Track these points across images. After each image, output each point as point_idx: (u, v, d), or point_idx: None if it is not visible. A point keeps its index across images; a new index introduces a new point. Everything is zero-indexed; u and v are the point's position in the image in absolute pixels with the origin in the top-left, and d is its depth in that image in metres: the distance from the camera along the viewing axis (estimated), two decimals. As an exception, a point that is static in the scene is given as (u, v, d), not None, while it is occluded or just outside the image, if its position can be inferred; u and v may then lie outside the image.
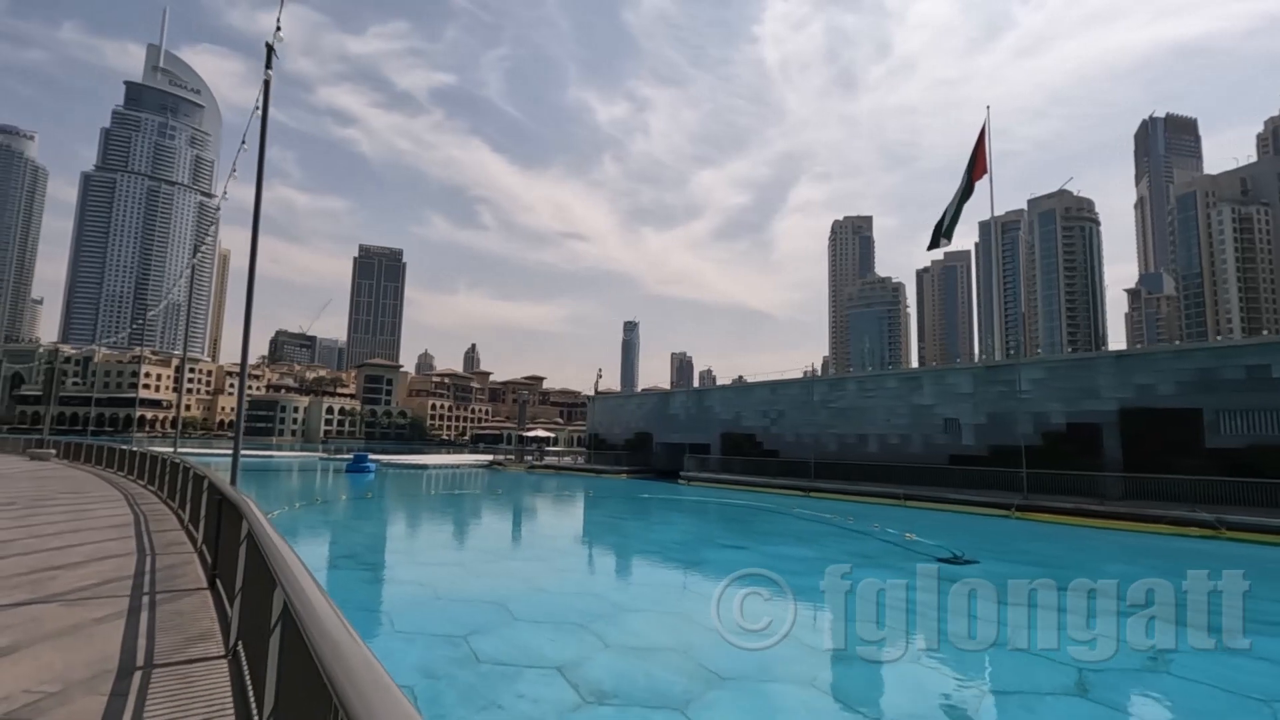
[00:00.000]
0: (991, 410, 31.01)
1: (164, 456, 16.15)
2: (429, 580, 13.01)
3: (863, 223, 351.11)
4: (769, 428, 41.07)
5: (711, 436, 44.70)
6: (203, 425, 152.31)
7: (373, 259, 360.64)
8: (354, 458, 44.16)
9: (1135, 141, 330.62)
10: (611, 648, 9.15)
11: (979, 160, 38.72)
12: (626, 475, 46.11)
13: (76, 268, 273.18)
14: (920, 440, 33.52)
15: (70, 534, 10.55)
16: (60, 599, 6.53)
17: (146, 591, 6.99)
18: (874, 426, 35.54)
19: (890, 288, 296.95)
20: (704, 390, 46.77)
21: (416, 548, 18.72)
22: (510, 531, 21.91)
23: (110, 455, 25.00)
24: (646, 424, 51.20)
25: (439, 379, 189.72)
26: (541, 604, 11.54)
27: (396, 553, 18.11)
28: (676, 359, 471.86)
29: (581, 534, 22.38)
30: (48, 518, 12.40)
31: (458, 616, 10.43)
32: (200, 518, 9.48)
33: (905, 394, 34.57)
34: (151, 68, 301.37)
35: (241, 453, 39.73)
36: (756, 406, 42.03)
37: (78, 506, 14.29)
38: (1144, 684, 8.47)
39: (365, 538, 19.86)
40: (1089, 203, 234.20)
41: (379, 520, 25.74)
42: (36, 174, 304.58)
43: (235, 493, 6.61)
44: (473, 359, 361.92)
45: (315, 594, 2.57)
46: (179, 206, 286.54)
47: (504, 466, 53.85)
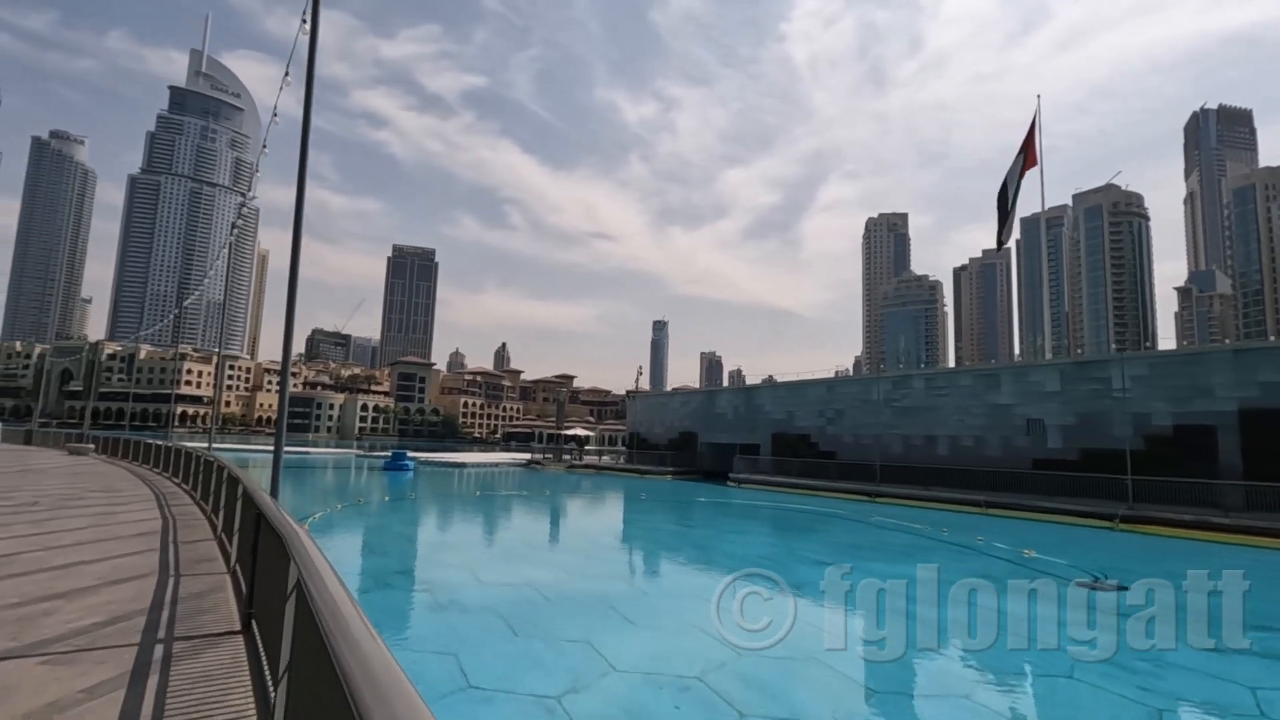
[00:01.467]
0: (1083, 410, 28.23)
1: (199, 454, 14.70)
2: (505, 608, 11.04)
3: (898, 220, 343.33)
4: (825, 428, 38.67)
5: (761, 437, 42.44)
6: (241, 421, 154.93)
7: (406, 259, 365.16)
8: (392, 455, 43.00)
9: (1185, 134, 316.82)
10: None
11: (1029, 151, 36.22)
12: (671, 476, 44.13)
13: (123, 268, 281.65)
14: (998, 442, 30.84)
15: (89, 545, 8.99)
16: (45, 651, 4.81)
17: (162, 638, 5.24)
18: (944, 427, 32.94)
19: (927, 286, 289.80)
20: (753, 388, 44.56)
21: (479, 560, 16.52)
22: (581, 545, 19.51)
23: (146, 451, 23.96)
24: (691, 423, 49.11)
25: (471, 377, 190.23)
26: (659, 647, 9.53)
27: (459, 567, 15.40)
28: (705, 358, 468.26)
29: (660, 549, 19.11)
30: (69, 522, 10.93)
31: (552, 663, 8.57)
32: (234, 530, 7.79)
33: (980, 392, 31.91)
34: (194, 72, 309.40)
35: (274, 448, 38.59)
36: (812, 405, 39.64)
37: (105, 508, 12.86)
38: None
39: (421, 548, 17.89)
40: (1138, 197, 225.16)
41: (431, 526, 23.87)
42: (86, 177, 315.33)
43: (278, 512, 4.80)
44: (503, 358, 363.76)
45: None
46: (220, 208, 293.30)
47: (542, 466, 52.30)
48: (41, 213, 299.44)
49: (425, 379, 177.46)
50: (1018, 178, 35.40)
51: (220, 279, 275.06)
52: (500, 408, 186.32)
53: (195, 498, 14.23)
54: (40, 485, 16.70)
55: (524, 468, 52.78)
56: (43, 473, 20.11)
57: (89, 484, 17.40)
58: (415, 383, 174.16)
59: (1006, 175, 36.42)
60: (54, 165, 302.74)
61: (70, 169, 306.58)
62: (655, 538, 21.43)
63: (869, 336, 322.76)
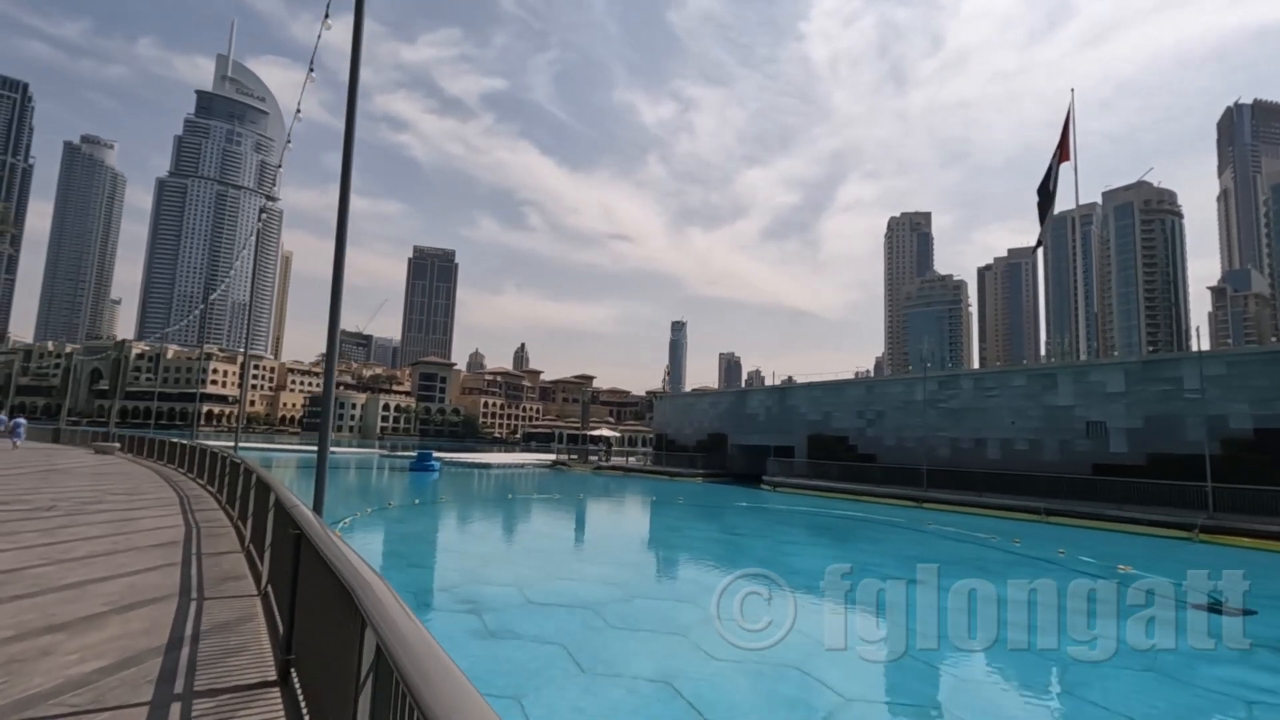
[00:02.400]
0: (1151, 413, 26.44)
1: (224, 455, 13.76)
2: (565, 635, 9.64)
3: (921, 219, 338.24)
4: (865, 429, 37.10)
5: (796, 439, 40.95)
6: (265, 420, 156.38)
7: (426, 260, 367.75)
8: (418, 456, 42.17)
9: (1219, 130, 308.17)
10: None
11: (1063, 146, 34.72)
12: (702, 479, 42.82)
13: (151, 269, 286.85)
14: (1055, 446, 29.10)
15: (103, 559, 7.98)
16: (28, 714, 3.72)
17: (179, 692, 4.12)
18: (995, 430, 31.25)
19: (951, 286, 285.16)
20: (786, 388, 43.07)
21: (526, 576, 14.43)
22: (632, 556, 17.57)
23: (171, 451, 23.26)
24: (720, 424, 47.72)
25: (491, 377, 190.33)
26: (752, 693, 8.24)
27: (505, 584, 13.41)
28: (724, 359, 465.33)
29: (717, 562, 16.98)
30: (85, 530, 9.98)
31: (634, 712, 7.34)
32: (265, 544, 6.72)
33: (1036, 393, 30.18)
34: (220, 77, 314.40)
35: (302, 448, 37.76)
36: (850, 406, 38.08)
37: (125, 513, 11.94)
38: None
39: (460, 560, 16.22)
40: (1170, 194, 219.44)
41: (467, 534, 22.47)
42: (116, 180, 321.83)
43: (329, 537, 3.65)
44: (522, 358, 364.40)
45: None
46: (245, 210, 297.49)
47: (568, 467, 51.24)
48: (73, 216, 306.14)
49: (446, 379, 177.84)
50: (1055, 173, 34.48)
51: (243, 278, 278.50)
52: (520, 408, 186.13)
53: (220, 501, 13.30)
54: (62, 486, 15.92)
55: (549, 469, 51.78)
56: (66, 473, 19.42)
57: (111, 485, 16.59)
58: (436, 383, 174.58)
59: (1045, 174, 35.21)
60: (85, 169, 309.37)
61: (101, 173, 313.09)
62: (708, 549, 19.72)
63: (891, 337, 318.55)
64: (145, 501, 13.66)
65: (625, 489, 38.70)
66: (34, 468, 20.54)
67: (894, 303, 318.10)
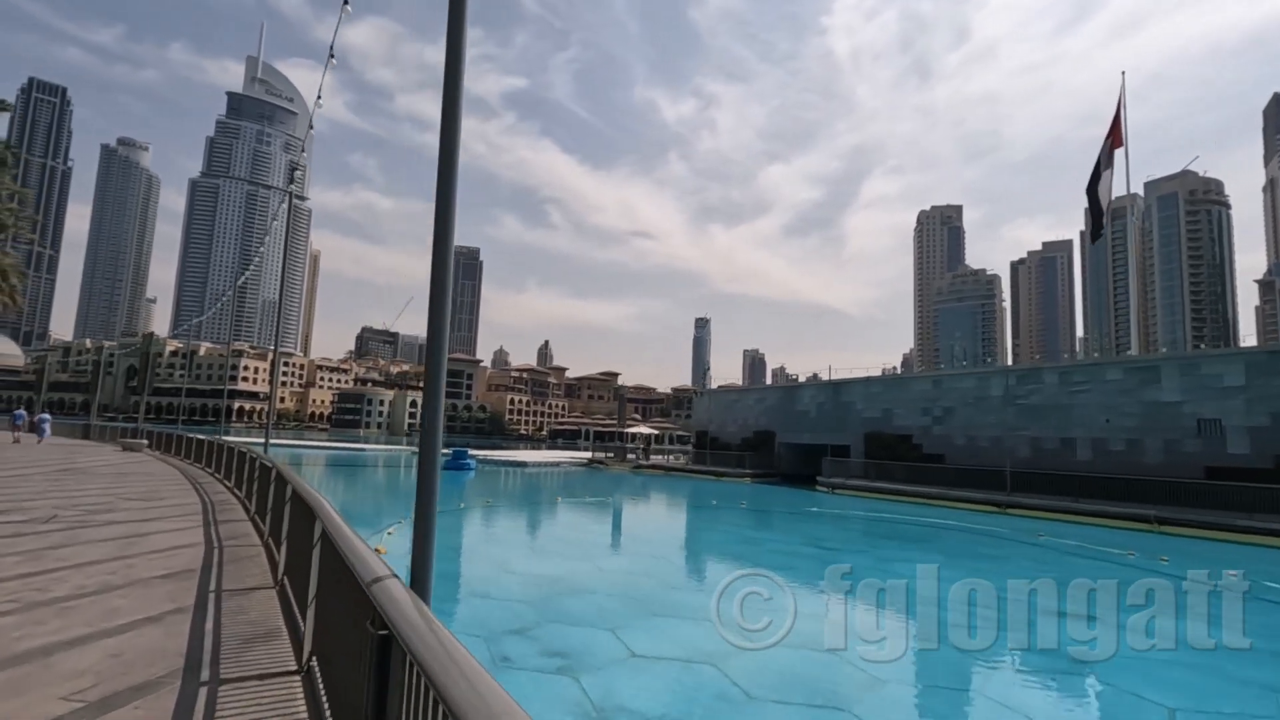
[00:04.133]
0: (1278, 410, 23.40)
1: (254, 456, 11.80)
2: (694, 711, 7.20)
3: (952, 212, 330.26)
4: (931, 428, 34.32)
5: (851, 437, 38.27)
6: (295, 417, 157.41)
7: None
8: (453, 454, 40.35)
9: (1264, 118, 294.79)
10: None
11: (1115, 132, 32.83)
12: (750, 479, 40.39)
13: (185, 269, 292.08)
14: (1158, 447, 26.12)
15: (91, 599, 5.97)
16: None
17: None
18: (1085, 428, 28.32)
19: (984, 280, 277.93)
20: (841, 383, 40.36)
21: (617, 613, 11.23)
22: (731, 584, 13.32)
23: (199, 449, 21.62)
24: (767, 421, 45.16)
25: (517, 374, 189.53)
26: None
27: (594, 624, 10.43)
28: (748, 356, 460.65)
29: (830, 589, 13.06)
30: (83, 551, 8.03)
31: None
32: (309, 595, 4.58)
33: (1133, 388, 27.19)
34: (250, 78, 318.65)
35: (331, 445, 35.69)
36: (914, 402, 35.30)
37: (137, 525, 10.02)
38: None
39: (529, 588, 13.01)
40: (1217, 183, 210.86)
41: (526, 549, 19.20)
42: (150, 182, 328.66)
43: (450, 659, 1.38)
44: (546, 355, 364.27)
45: None
46: (275, 209, 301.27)
47: (605, 466, 49.13)
48: (110, 216, 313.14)
49: (472, 376, 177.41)
50: (1108, 160, 32.39)
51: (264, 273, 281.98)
52: (546, 405, 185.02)
53: (248, 509, 11.34)
54: (73, 490, 14.16)
55: (585, 467, 49.74)
56: (83, 473, 17.76)
57: (129, 488, 14.81)
58: (463, 379, 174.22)
59: (1096, 163, 33.13)
60: (121, 171, 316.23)
61: (136, 174, 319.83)
62: (809, 568, 16.32)
63: (921, 333, 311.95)
64: (162, 509, 11.76)
65: (673, 491, 36.34)
66: (51, 467, 18.98)
67: (924, 298, 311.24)
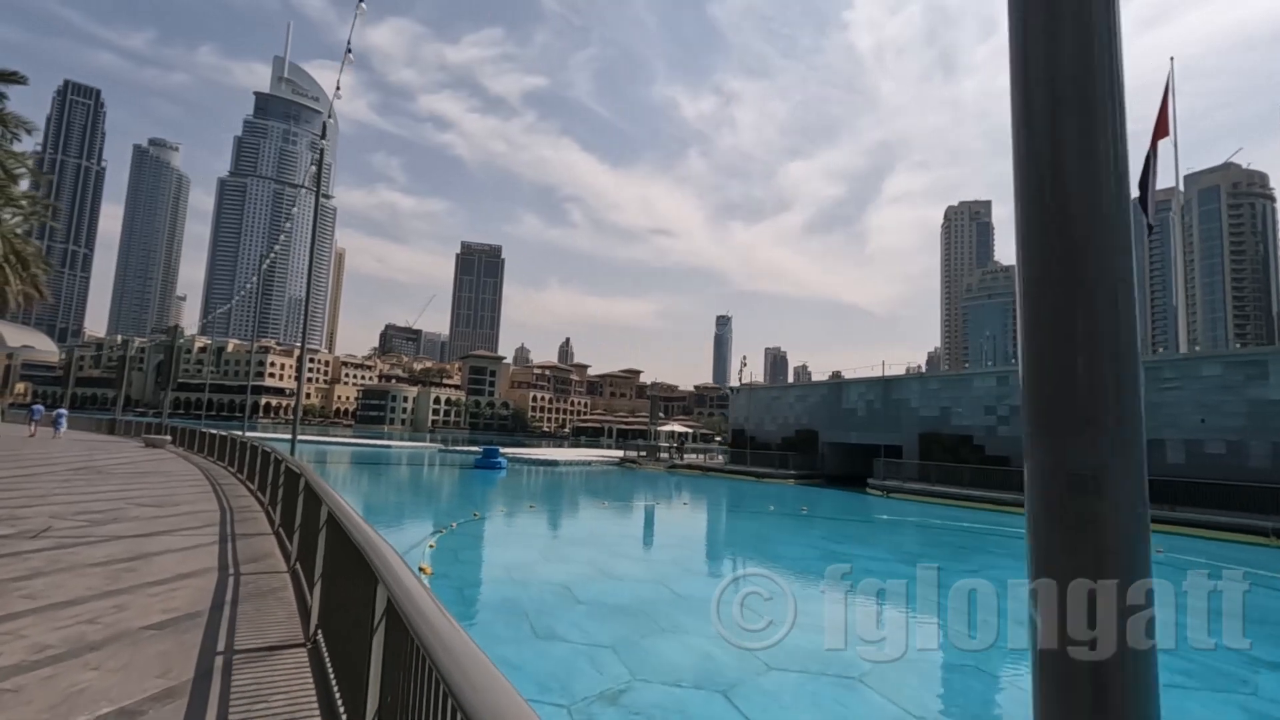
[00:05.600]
0: None
1: (281, 459, 10.09)
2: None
3: (981, 208, 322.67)
4: (996, 428, 31.87)
5: (905, 437, 35.93)
6: (320, 413, 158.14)
7: (474, 255, 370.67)
8: (484, 452, 38.71)
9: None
10: None
11: (1161, 120, 30.58)
12: (795, 481, 38.25)
13: (214, 267, 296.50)
14: (1265, 450, 23.53)
15: (49, 671, 4.22)
16: None
17: None
18: (1176, 429, 25.75)
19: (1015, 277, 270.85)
20: (893, 379, 37.99)
21: (726, 668, 8.45)
22: (848, 614, 9.45)
23: (222, 446, 20.19)
24: (810, 420, 42.91)
25: (540, 371, 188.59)
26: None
27: (702, 683, 7.98)
28: (770, 354, 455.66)
29: (964, 628, 11.53)
30: (65, 583, 6.34)
31: None
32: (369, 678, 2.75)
33: (1236, 384, 24.59)
34: (277, 78, 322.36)
35: (357, 441, 33.68)
36: (976, 400, 32.87)
37: (140, 543, 8.35)
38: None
39: (612, 621, 10.28)
40: (1261, 176, 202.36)
41: (590, 564, 15.45)
42: (180, 181, 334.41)
43: None
44: (567, 353, 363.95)
45: None
46: (301, 207, 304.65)
47: (638, 465, 47.26)
48: (142, 216, 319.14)
49: (496, 373, 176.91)
50: (1153, 151, 30.13)
51: (290, 271, 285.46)
52: (568, 402, 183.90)
53: (273, 520, 9.65)
54: (82, 493, 12.63)
55: (617, 467, 47.92)
56: (97, 473, 16.32)
57: (143, 491, 13.25)
58: (486, 376, 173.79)
59: (1147, 156, 30.79)
60: (153, 171, 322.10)
61: (167, 174, 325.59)
62: (923, 594, 11.65)
63: (949, 331, 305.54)
64: (175, 518, 10.11)
65: (719, 494, 34.19)
66: (65, 465, 17.61)
67: (952, 295, 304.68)
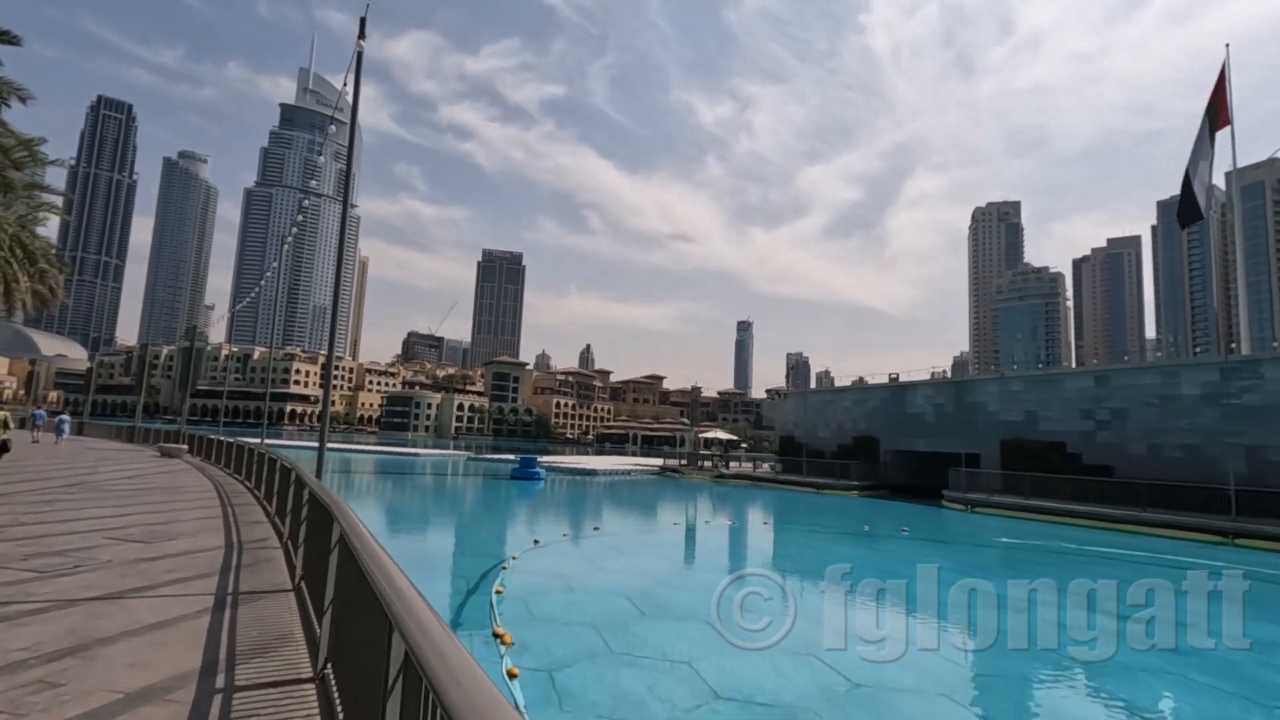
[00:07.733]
0: None
1: (305, 484, 7.35)
2: None
3: (1009, 208, 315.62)
4: (1094, 433, 28.40)
5: (982, 445, 32.55)
6: (344, 420, 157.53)
7: (495, 262, 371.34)
8: (520, 461, 35.93)
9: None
10: None
11: (1220, 111, 27.38)
12: (857, 493, 35.02)
13: (240, 276, 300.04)
14: None
15: None
16: None
17: None
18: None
19: (1047, 279, 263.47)
20: (967, 381, 34.66)
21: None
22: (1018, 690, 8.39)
23: (239, 457, 17.74)
24: (869, 425, 39.60)
25: (563, 377, 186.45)
26: None
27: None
28: (791, 359, 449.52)
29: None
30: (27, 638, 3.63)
31: None
32: None
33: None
34: (302, 89, 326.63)
35: (383, 449, 30.42)
36: (1069, 403, 29.43)
37: (90, 617, 5.67)
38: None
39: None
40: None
41: (695, 604, 12.23)
42: (209, 193, 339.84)
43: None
44: (588, 359, 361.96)
45: None
46: (325, 216, 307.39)
47: (681, 474, 44.29)
48: (172, 227, 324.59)
49: (519, 379, 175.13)
50: (1210, 142, 26.99)
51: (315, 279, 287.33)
52: (591, 408, 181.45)
53: (293, 565, 6.93)
54: (63, 518, 10.09)
55: (659, 475, 44.99)
56: (95, 490, 13.86)
57: (136, 517, 10.67)
58: (509, 382, 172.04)
59: (1194, 149, 27.61)
60: (182, 182, 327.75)
61: (196, 186, 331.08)
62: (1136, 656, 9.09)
63: (977, 334, 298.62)
64: (160, 568, 7.42)
65: (790, 508, 30.59)
66: (60, 479, 15.20)
67: (980, 297, 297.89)
